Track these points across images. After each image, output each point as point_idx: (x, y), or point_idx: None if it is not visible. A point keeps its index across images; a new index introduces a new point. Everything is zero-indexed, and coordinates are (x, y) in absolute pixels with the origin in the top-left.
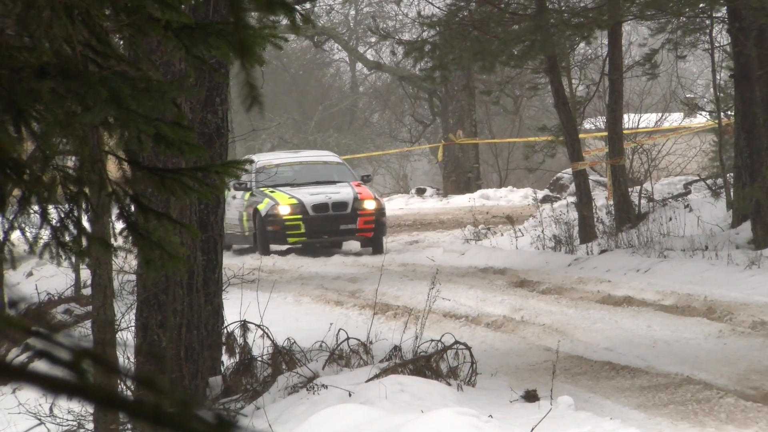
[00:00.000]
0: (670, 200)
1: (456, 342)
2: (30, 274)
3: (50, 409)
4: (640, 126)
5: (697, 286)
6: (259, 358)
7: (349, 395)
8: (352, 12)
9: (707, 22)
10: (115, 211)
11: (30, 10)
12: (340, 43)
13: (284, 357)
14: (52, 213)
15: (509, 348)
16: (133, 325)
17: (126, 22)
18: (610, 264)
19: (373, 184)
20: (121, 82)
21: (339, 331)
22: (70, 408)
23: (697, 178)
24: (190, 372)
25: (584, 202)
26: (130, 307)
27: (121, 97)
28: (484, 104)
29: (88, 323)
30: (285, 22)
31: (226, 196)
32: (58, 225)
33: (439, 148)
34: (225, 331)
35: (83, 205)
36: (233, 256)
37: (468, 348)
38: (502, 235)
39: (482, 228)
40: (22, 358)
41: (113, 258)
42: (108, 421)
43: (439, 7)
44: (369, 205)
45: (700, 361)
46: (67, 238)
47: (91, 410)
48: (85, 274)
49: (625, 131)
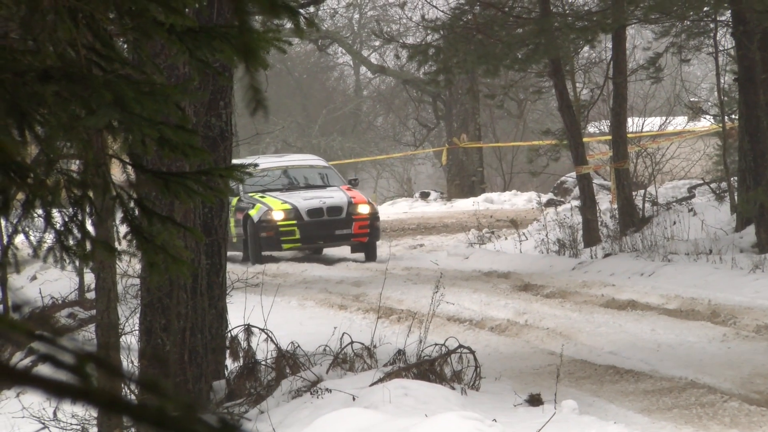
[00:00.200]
0: (674, 204)
1: (460, 346)
2: (34, 278)
3: (54, 413)
4: (644, 129)
5: (701, 289)
6: (263, 362)
7: (353, 399)
8: (356, 15)
9: (711, 25)
10: (119, 215)
11: (34, 13)
12: (344, 47)
13: (288, 361)
14: (56, 216)
15: (513, 352)
16: (136, 328)
17: (130, 26)
18: (614, 268)
19: (377, 188)
20: (125, 86)
21: (343, 334)
22: (74, 412)
23: (701, 181)
24: (194, 376)
25: (588, 205)
26: (134, 310)
27: (125, 100)
28: (488, 108)
29: (91, 327)
30: (289, 25)
31: None
32: (62, 229)
33: (443, 151)
34: (229, 334)
35: (87, 209)
36: None
37: (472, 352)
38: (506, 238)
39: (486, 232)
40: (26, 361)
41: (117, 261)
42: (112, 424)
43: (443, 11)
44: (363, 209)
45: (704, 365)
46: (71, 242)
47: (94, 414)
48: (89, 278)
49: (629, 135)
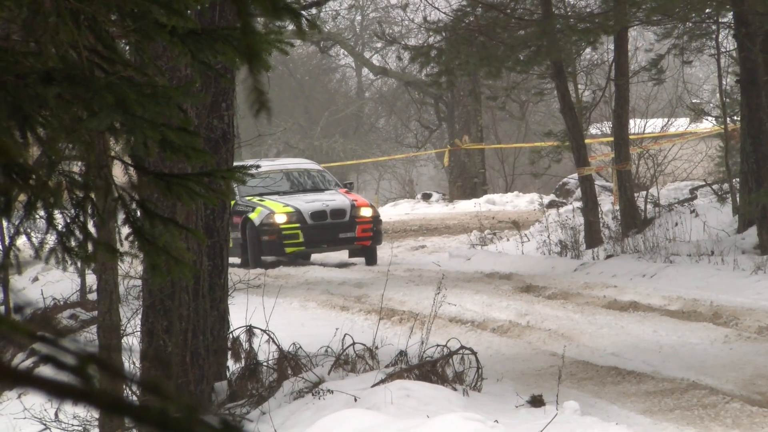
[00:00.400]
0: (676, 205)
1: (462, 347)
2: (36, 279)
3: (56, 414)
4: (646, 131)
5: (703, 291)
6: (265, 363)
7: (355, 400)
8: (358, 17)
9: (713, 27)
10: (121, 217)
11: (36, 15)
12: (346, 49)
13: (290, 362)
14: (58, 218)
15: (515, 353)
16: (138, 330)
17: (132, 28)
18: (616, 269)
19: (379, 189)
20: (127, 88)
21: (345, 336)
22: (76, 413)
23: (703, 183)
24: (196, 377)
25: (590, 207)
26: (135, 312)
27: (127, 102)
28: (490, 109)
29: (93, 328)
30: (291, 27)
31: None
32: (63, 230)
33: (445, 153)
34: (231, 336)
35: (89, 211)
36: None
37: (474, 353)
38: (508, 240)
39: (488, 233)
40: (28, 362)
41: (119, 263)
42: (113, 426)
43: (445, 13)
44: (366, 212)
45: (706, 366)
46: (72, 244)
47: (96, 415)
48: (91, 279)
49: (631, 136)
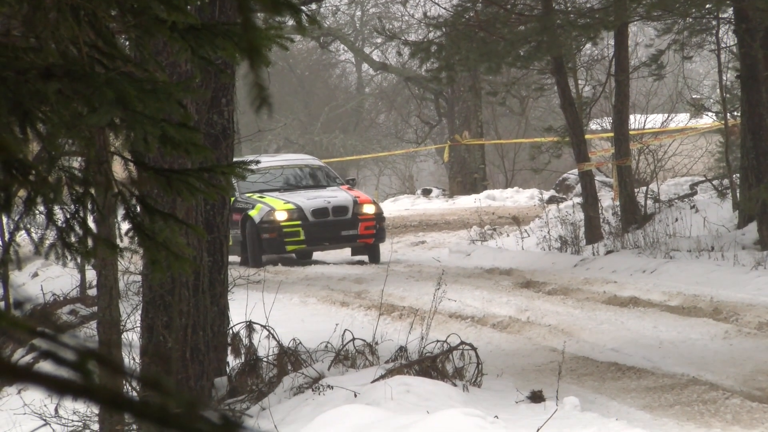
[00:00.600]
0: (676, 201)
1: (462, 343)
2: (35, 275)
3: (55, 410)
4: (646, 127)
5: (703, 286)
6: (265, 359)
7: (355, 396)
8: (358, 13)
9: (714, 22)
10: (121, 212)
11: (36, 11)
12: (346, 44)
13: (290, 358)
14: (58, 214)
15: (515, 349)
16: (138, 326)
17: (132, 24)
18: (616, 265)
19: (379, 185)
20: (128, 84)
21: (345, 331)
22: (76, 409)
23: (704, 178)
24: (196, 373)
25: (590, 202)
26: (135, 307)
27: (127, 98)
28: (490, 105)
29: (93, 324)
30: (291, 22)
31: None
32: (63, 226)
33: (445, 148)
34: (231, 331)
35: (89, 206)
36: None
37: (474, 349)
38: (508, 235)
39: (488, 229)
40: (28, 358)
41: (119, 259)
42: (113, 421)
43: (445, 8)
44: (369, 209)
45: (706, 362)
46: (72, 239)
47: (96, 411)
48: (91, 275)
49: (631, 132)
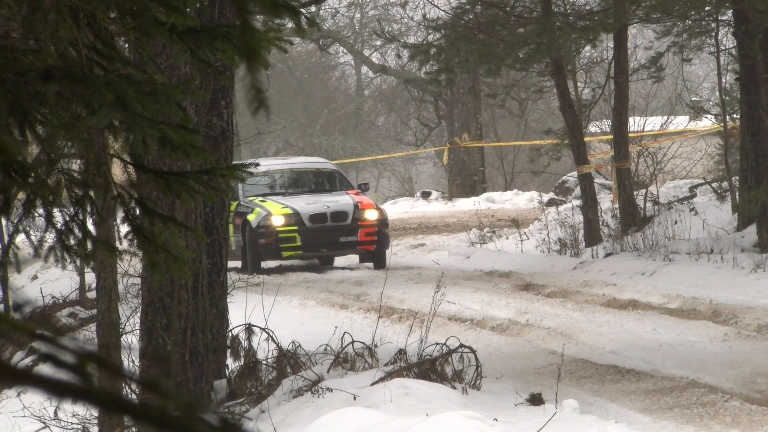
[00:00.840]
0: (676, 203)
1: (461, 345)
2: (35, 278)
3: (55, 413)
4: (645, 129)
5: (703, 289)
6: (264, 362)
7: (354, 398)
8: (358, 15)
9: (713, 25)
10: (120, 214)
11: (35, 12)
12: (345, 47)
13: (289, 360)
14: (57, 216)
15: (514, 351)
16: (138, 328)
17: (131, 26)
18: (615, 267)
19: (378, 187)
20: (127, 86)
21: (344, 334)
22: (75, 411)
23: (703, 181)
24: (195, 375)
25: (589, 205)
26: (135, 310)
27: (127, 100)
28: (489, 107)
29: (92, 326)
30: (290, 25)
31: None
32: (63, 228)
33: (444, 151)
34: (230, 334)
35: (88, 208)
36: None
37: (473, 351)
38: (507, 238)
39: (487, 231)
40: (27, 361)
41: (118, 261)
42: (113, 424)
43: (444, 10)
44: (371, 215)
45: (705, 365)
46: (72, 242)
47: (95, 413)
48: (90, 278)
49: (630, 134)
